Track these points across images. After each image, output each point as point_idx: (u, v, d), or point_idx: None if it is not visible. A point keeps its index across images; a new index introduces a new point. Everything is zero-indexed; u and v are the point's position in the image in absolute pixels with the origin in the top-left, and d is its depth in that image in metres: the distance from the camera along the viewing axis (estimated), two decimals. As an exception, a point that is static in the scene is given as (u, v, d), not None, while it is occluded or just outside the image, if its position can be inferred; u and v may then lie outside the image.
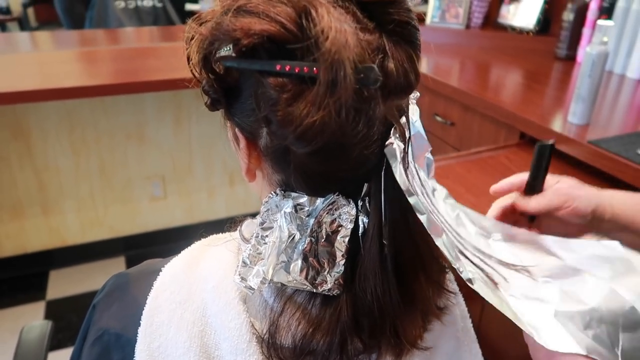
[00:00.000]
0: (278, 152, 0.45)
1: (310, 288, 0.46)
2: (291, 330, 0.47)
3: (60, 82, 1.79)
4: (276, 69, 0.38)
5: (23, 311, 2.16)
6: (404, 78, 0.42)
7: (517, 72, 2.01)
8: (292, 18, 0.38)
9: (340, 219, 0.46)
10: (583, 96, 1.35)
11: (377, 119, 0.42)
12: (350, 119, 0.38)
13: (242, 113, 0.45)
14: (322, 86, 0.36)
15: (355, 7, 0.41)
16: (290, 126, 0.38)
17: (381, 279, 0.46)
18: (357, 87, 0.37)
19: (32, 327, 0.95)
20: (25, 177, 2.15)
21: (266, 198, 0.48)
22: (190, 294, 0.51)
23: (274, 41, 0.38)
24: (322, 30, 0.36)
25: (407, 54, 0.42)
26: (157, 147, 2.32)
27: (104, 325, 0.54)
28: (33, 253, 2.31)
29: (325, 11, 0.37)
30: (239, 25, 0.38)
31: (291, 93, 0.38)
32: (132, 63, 2.09)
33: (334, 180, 0.45)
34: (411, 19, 0.42)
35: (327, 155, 0.42)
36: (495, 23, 2.33)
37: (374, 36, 0.40)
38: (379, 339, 0.48)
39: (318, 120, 0.37)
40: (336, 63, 0.36)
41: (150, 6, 3.23)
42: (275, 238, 0.47)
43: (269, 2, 0.38)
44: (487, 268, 0.50)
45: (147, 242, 2.47)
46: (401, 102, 0.45)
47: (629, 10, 1.79)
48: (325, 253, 0.46)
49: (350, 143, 0.41)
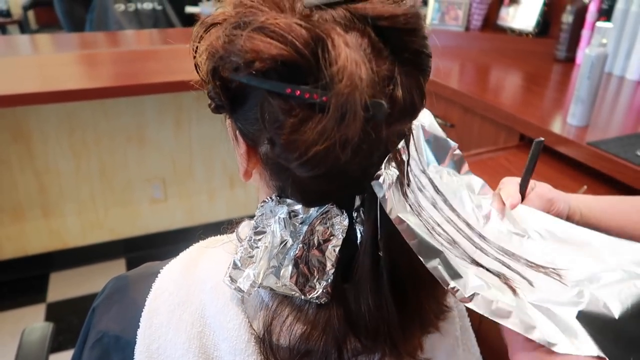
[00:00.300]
0: (278, 164, 0.44)
1: (299, 294, 0.46)
2: (288, 330, 0.48)
3: (60, 84, 1.79)
4: (286, 92, 0.38)
5: (24, 314, 2.16)
6: (409, 105, 0.41)
7: (516, 74, 2.01)
8: (308, 44, 0.37)
9: (333, 228, 0.46)
10: (582, 98, 1.35)
11: (380, 144, 0.42)
12: (354, 148, 0.38)
13: (245, 120, 0.45)
14: (331, 120, 0.36)
15: (371, 30, 0.40)
16: (295, 152, 0.38)
17: (374, 291, 0.46)
18: (365, 122, 0.37)
19: (33, 329, 0.95)
20: (26, 179, 2.15)
21: (261, 203, 0.48)
22: (188, 296, 0.51)
23: (287, 65, 0.37)
24: (338, 70, 0.35)
25: (417, 82, 0.42)
26: (158, 150, 2.33)
27: (104, 327, 0.54)
28: (33, 255, 2.31)
29: (342, 43, 0.36)
30: (252, 47, 0.37)
31: (298, 118, 0.38)
32: (133, 65, 2.10)
33: (330, 196, 0.46)
34: (426, 48, 0.42)
35: (327, 178, 0.42)
36: (495, 25, 2.34)
37: (387, 63, 0.40)
38: (376, 345, 0.48)
39: (322, 149, 0.37)
40: (348, 103, 0.35)
41: (150, 9, 3.24)
42: (268, 243, 0.47)
43: (285, 22, 0.37)
44: (508, 272, 0.49)
45: (147, 244, 2.47)
46: (404, 126, 0.45)
47: (628, 12, 1.79)
48: (316, 261, 0.46)
49: (351, 169, 0.41)
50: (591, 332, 0.44)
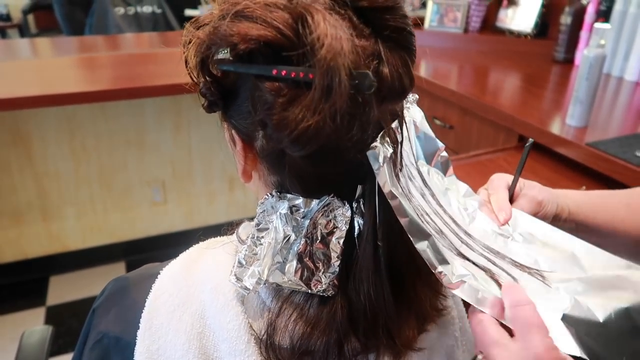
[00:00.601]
0: (273, 155, 0.45)
1: (305, 289, 0.47)
2: (288, 330, 0.48)
3: (60, 88, 1.79)
4: (272, 73, 0.39)
5: (23, 317, 2.16)
6: (398, 83, 0.42)
7: (515, 75, 2.01)
8: (289, 24, 0.38)
9: (336, 220, 0.46)
10: (581, 99, 1.35)
11: (371, 123, 0.42)
12: (344, 123, 0.39)
13: (238, 115, 0.46)
14: (318, 92, 0.37)
15: (351, 13, 0.41)
16: (286, 130, 0.39)
17: (374, 281, 0.46)
18: (352, 93, 0.38)
19: (32, 332, 0.95)
20: (26, 183, 2.15)
21: (262, 199, 0.49)
22: (188, 296, 0.51)
23: (270, 46, 0.39)
24: (317, 37, 0.37)
25: (402, 60, 0.43)
26: (157, 153, 2.33)
27: (103, 328, 0.54)
28: (33, 259, 2.31)
29: (321, 18, 0.37)
30: (236, 30, 0.39)
31: (287, 97, 0.39)
32: (132, 69, 2.10)
33: (329, 183, 0.46)
34: (407, 25, 0.42)
35: (321, 158, 0.42)
36: (494, 27, 2.34)
37: (370, 42, 0.41)
38: (375, 339, 0.49)
39: (313, 124, 0.38)
40: (331, 70, 0.36)
41: (149, 12, 3.25)
42: (271, 239, 0.47)
43: (266, 7, 0.39)
44: (494, 268, 0.50)
45: (147, 247, 2.47)
46: (395, 106, 0.45)
47: (627, 13, 1.80)
48: (320, 254, 0.47)
49: (345, 146, 0.42)
50: (576, 333, 0.45)
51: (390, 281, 0.47)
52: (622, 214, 0.62)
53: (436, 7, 2.34)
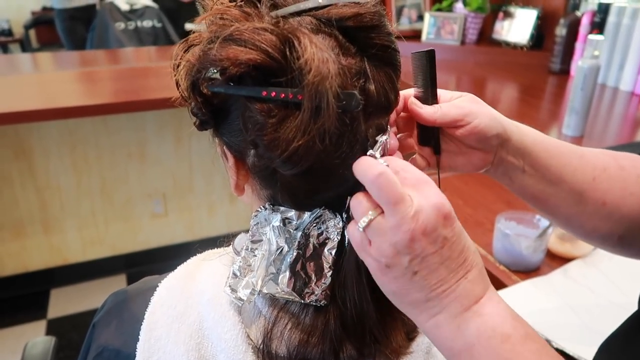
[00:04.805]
0: (265, 171, 0.46)
1: (298, 299, 0.48)
2: (285, 339, 0.48)
3: (61, 101, 1.81)
4: (262, 95, 0.40)
5: (24, 330, 2.16)
6: (384, 98, 0.44)
7: (512, 86, 2.04)
8: (277, 47, 0.39)
9: (328, 232, 0.47)
10: (576, 109, 1.37)
11: (359, 138, 0.43)
12: (333, 141, 0.41)
13: (230, 133, 0.47)
14: (307, 113, 0.39)
15: (337, 32, 0.42)
16: (277, 150, 0.41)
17: (358, 288, 0.47)
18: (340, 112, 0.39)
19: (36, 343, 0.96)
20: (27, 196, 2.16)
21: (255, 212, 0.50)
22: (186, 308, 0.52)
23: (259, 69, 0.40)
24: (305, 62, 0.38)
25: (388, 76, 0.44)
26: (158, 165, 2.34)
27: (104, 342, 0.55)
28: (34, 272, 2.32)
29: (308, 41, 0.39)
30: (225, 55, 0.40)
31: (277, 118, 0.40)
32: (133, 82, 2.12)
33: (320, 196, 0.47)
34: (392, 43, 0.44)
35: (312, 175, 0.44)
36: (490, 39, 2.37)
37: (356, 60, 0.42)
38: (365, 346, 0.49)
39: (303, 144, 0.39)
40: (319, 93, 0.38)
41: (149, 26, 3.28)
42: (265, 251, 0.48)
43: (254, 31, 0.40)
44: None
45: (148, 259, 2.47)
46: (382, 121, 0.46)
47: (620, 24, 1.82)
48: (313, 265, 0.48)
49: (334, 163, 0.43)
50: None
51: (372, 288, 0.47)
52: (575, 163, 0.57)
53: (433, 20, 2.37)
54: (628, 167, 0.59)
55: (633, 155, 0.61)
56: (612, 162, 0.58)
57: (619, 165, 0.58)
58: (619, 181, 0.58)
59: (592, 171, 0.57)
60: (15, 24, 4.81)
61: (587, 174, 0.57)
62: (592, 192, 0.57)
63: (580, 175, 0.57)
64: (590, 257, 1.00)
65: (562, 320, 0.87)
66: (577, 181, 0.57)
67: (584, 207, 0.57)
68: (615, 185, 0.57)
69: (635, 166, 0.59)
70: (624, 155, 0.60)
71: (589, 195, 0.57)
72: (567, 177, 0.56)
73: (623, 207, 0.57)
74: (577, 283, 0.94)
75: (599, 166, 0.58)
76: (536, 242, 0.95)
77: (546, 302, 0.90)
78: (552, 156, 0.56)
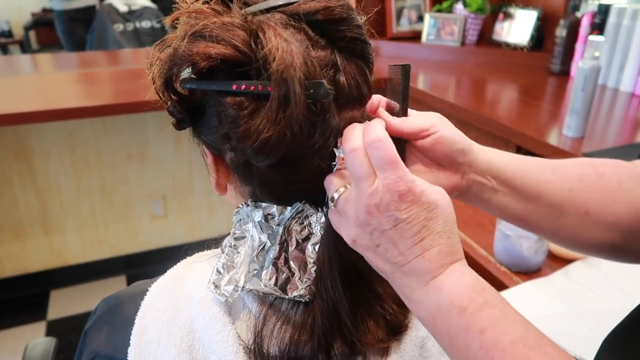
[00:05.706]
0: (242, 166, 0.47)
1: (281, 294, 0.48)
2: (276, 338, 0.48)
3: (61, 103, 1.81)
4: (233, 88, 0.41)
5: (24, 331, 2.16)
6: (356, 90, 0.45)
7: (512, 87, 2.04)
8: (245, 40, 0.40)
9: (311, 227, 0.48)
10: (577, 110, 1.37)
11: (333, 130, 0.44)
12: (305, 131, 0.41)
13: (207, 130, 0.48)
14: (275, 103, 0.39)
15: (306, 26, 0.43)
16: (248, 141, 0.41)
17: (331, 282, 0.47)
18: (309, 102, 0.40)
19: (36, 344, 0.96)
20: (27, 197, 2.16)
21: (237, 209, 0.50)
22: (176, 311, 0.52)
23: (228, 63, 0.41)
24: (269, 51, 0.39)
25: (359, 68, 0.45)
26: (158, 166, 2.34)
27: (95, 348, 0.55)
28: (34, 273, 2.32)
29: (272, 33, 0.40)
30: (194, 50, 0.41)
31: (248, 110, 0.41)
32: (132, 83, 2.12)
33: (298, 190, 0.48)
34: (361, 35, 0.45)
35: (286, 166, 0.44)
36: (490, 40, 2.37)
37: (325, 52, 0.43)
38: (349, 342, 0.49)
39: (274, 134, 0.40)
40: (284, 81, 0.38)
41: (148, 27, 3.28)
42: (247, 247, 0.49)
43: (222, 26, 0.41)
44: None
45: (148, 260, 2.47)
46: (356, 113, 0.47)
47: (620, 25, 1.82)
48: (296, 260, 0.48)
49: (307, 154, 0.44)
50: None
51: (347, 280, 0.48)
52: (549, 176, 0.56)
53: (433, 21, 2.37)
54: (608, 174, 0.58)
55: (613, 161, 0.60)
56: (589, 171, 0.58)
57: (597, 172, 0.58)
58: (599, 189, 0.57)
59: (569, 182, 0.56)
60: (15, 25, 4.82)
61: (563, 186, 0.56)
62: (571, 203, 0.56)
63: (557, 188, 0.56)
64: (591, 258, 1.00)
65: (563, 321, 0.87)
66: (554, 195, 0.56)
67: (565, 220, 0.56)
68: (595, 194, 0.57)
69: (616, 173, 0.58)
70: (603, 162, 0.59)
71: (568, 207, 0.56)
72: (544, 192, 0.56)
73: (608, 215, 0.56)
74: (579, 284, 0.94)
75: (575, 176, 0.57)
76: (537, 243, 0.95)
77: (547, 303, 0.90)
78: (525, 173, 0.56)
